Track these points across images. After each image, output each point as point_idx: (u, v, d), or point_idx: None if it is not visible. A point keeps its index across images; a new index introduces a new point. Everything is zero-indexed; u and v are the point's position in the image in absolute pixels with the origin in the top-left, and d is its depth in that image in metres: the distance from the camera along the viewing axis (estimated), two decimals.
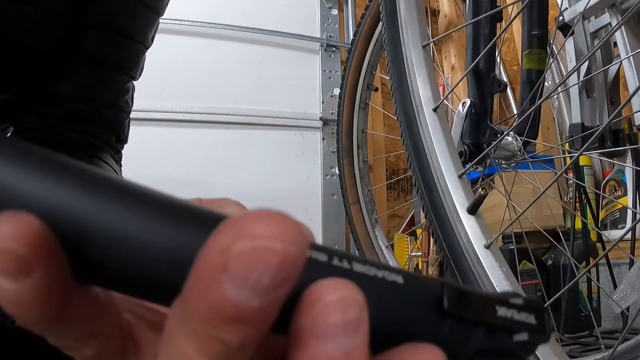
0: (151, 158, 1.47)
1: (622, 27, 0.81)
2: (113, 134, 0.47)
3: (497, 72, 0.86)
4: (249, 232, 0.10)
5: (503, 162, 0.85)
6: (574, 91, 0.90)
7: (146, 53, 0.50)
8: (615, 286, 1.00)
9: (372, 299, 0.13)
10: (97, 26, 0.43)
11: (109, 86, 0.46)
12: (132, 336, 0.15)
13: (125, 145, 0.51)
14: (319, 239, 1.64)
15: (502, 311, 0.15)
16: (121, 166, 0.47)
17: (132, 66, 0.47)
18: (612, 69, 0.89)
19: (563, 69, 1.41)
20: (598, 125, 0.87)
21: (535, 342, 0.15)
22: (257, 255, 0.10)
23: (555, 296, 0.67)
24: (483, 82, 0.83)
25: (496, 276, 0.60)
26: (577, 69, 0.89)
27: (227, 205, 0.17)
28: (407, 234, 1.61)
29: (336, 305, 0.11)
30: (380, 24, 0.88)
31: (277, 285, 0.10)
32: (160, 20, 0.50)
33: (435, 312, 0.14)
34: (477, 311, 0.15)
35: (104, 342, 0.14)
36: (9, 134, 0.45)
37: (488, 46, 0.79)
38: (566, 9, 0.91)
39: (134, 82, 0.50)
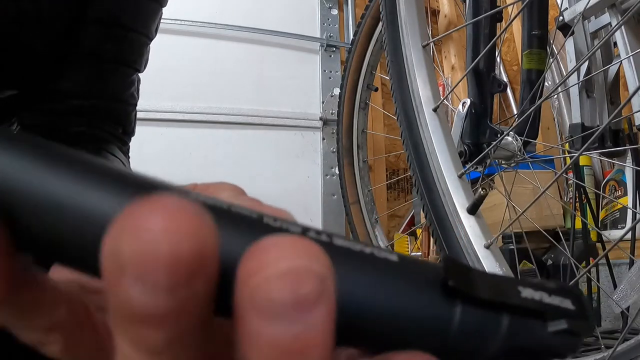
0: (151, 158, 1.46)
1: (622, 27, 0.81)
2: (119, 127, 0.47)
3: (497, 72, 0.86)
4: (138, 228, 0.09)
5: (503, 162, 0.85)
6: (574, 91, 0.90)
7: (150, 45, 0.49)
8: (615, 286, 1.00)
9: (352, 275, 0.10)
10: (97, 20, 0.42)
11: (112, 80, 0.46)
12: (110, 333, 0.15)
13: (132, 138, 0.51)
14: None
15: (527, 292, 0.12)
16: (129, 157, 0.47)
17: (136, 58, 0.47)
18: (612, 69, 0.89)
19: (563, 69, 1.41)
20: (598, 125, 0.87)
21: (577, 331, 0.12)
22: (145, 255, 0.09)
23: None
24: (483, 82, 0.83)
25: None
26: (577, 69, 0.89)
27: (222, 190, 0.16)
28: (407, 234, 1.61)
29: (284, 276, 0.09)
30: (380, 24, 0.88)
31: (179, 284, 0.09)
32: (161, 20, 0.50)
33: (441, 295, 0.11)
34: (495, 290, 0.11)
35: (69, 336, 0.13)
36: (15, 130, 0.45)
37: (488, 46, 0.80)
38: (566, 9, 0.91)
39: (140, 75, 0.50)
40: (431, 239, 1.37)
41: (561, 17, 0.90)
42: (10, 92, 0.43)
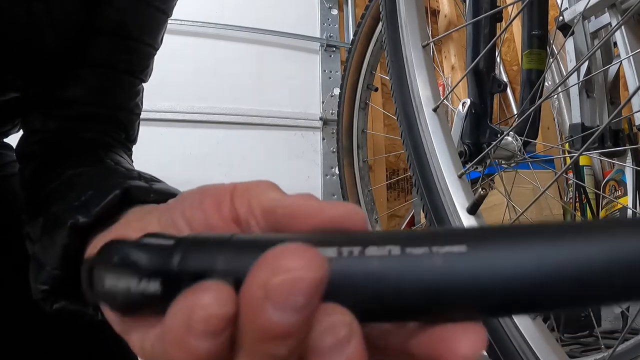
0: (151, 158, 1.46)
1: (622, 27, 0.81)
2: (123, 133, 0.47)
3: (497, 72, 0.86)
4: (284, 267, 0.13)
5: (503, 162, 0.85)
6: (574, 91, 0.90)
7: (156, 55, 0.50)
8: None
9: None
10: (108, 31, 0.43)
11: (120, 90, 0.46)
12: None
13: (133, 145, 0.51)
14: None
15: None
16: (132, 162, 0.47)
17: (143, 69, 0.47)
18: (612, 69, 0.89)
19: (563, 69, 1.41)
20: (598, 125, 0.87)
21: None
22: (292, 284, 0.13)
23: None
24: (483, 82, 0.83)
25: None
26: (577, 69, 0.89)
27: (266, 190, 0.22)
28: None
29: (327, 331, 0.14)
30: (380, 24, 0.88)
31: (308, 303, 0.13)
32: (165, 30, 0.50)
33: None
34: None
35: None
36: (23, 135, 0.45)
37: (488, 46, 0.79)
38: (566, 9, 0.91)
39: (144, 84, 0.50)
40: None
41: (561, 17, 0.90)
42: (14, 94, 0.43)
